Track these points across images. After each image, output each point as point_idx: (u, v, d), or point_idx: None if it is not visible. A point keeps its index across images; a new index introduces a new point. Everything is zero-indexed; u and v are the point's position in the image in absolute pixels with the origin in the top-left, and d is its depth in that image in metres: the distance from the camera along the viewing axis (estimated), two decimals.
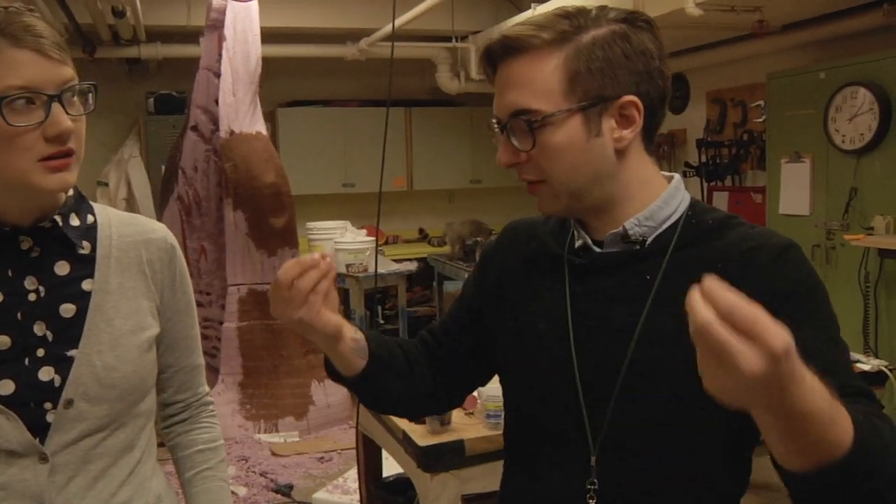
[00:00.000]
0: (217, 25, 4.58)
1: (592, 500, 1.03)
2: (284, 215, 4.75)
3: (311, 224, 5.92)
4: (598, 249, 1.08)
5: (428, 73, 6.62)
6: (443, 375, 1.22)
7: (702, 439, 1.01)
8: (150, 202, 5.85)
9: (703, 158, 5.67)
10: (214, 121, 4.67)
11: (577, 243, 1.10)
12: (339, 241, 5.62)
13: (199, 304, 5.08)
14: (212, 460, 1.28)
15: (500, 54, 1.02)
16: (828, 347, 0.95)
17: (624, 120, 1.01)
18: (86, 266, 1.13)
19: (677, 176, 1.11)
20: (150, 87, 6.29)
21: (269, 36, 4.88)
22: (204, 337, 5.19)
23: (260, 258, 4.71)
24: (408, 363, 1.18)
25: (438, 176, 7.19)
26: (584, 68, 0.99)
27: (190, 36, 5.44)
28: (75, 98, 1.03)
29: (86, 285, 1.12)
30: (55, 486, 1.07)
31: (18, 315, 1.07)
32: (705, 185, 5.71)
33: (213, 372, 4.83)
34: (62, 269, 1.11)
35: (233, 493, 3.61)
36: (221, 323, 4.74)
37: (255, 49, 4.53)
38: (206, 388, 1.32)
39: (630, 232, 1.05)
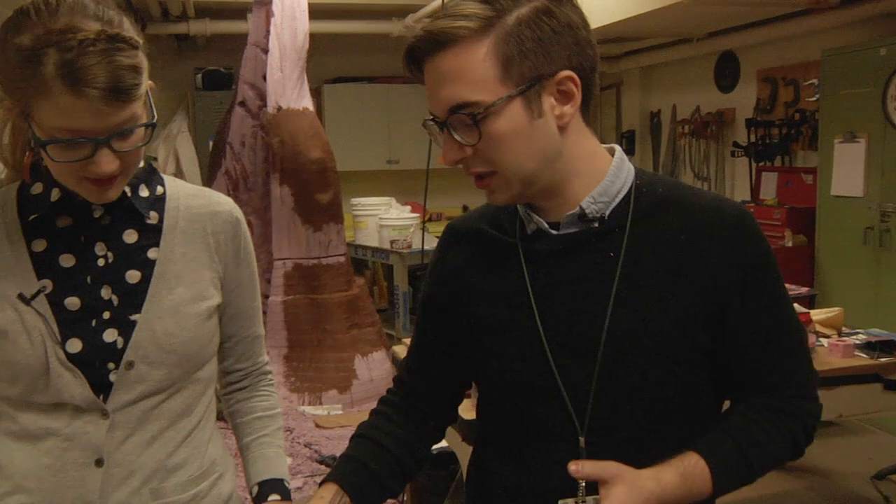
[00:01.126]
0: (265, 1, 4.61)
1: (583, 481, 1.02)
2: (330, 191, 4.79)
3: (355, 200, 5.97)
4: (554, 232, 1.06)
5: None
6: (434, 405, 1.23)
7: (684, 404, 1.05)
8: (197, 177, 5.95)
9: (752, 138, 5.57)
10: (262, 96, 4.71)
11: (530, 228, 1.08)
12: (383, 217, 5.65)
13: None
14: (269, 427, 1.31)
15: (425, 50, 0.99)
16: (783, 338, 1.07)
17: (562, 96, 1.00)
18: (153, 235, 1.17)
19: (617, 147, 1.10)
20: (199, 63, 6.37)
21: (316, 12, 4.89)
22: None
23: (306, 233, 4.76)
24: (394, 460, 1.17)
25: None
26: (516, 51, 0.97)
27: (238, 12, 5.48)
28: (133, 133, 1.03)
29: (151, 253, 1.16)
30: (114, 442, 1.11)
31: (88, 279, 1.12)
32: (754, 165, 5.61)
33: None
34: (130, 237, 1.15)
35: None
36: (267, 297, 4.81)
37: (303, 24, 4.55)
38: (266, 358, 1.35)
39: (587, 210, 1.04)
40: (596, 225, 1.05)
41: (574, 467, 0.98)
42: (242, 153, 4.93)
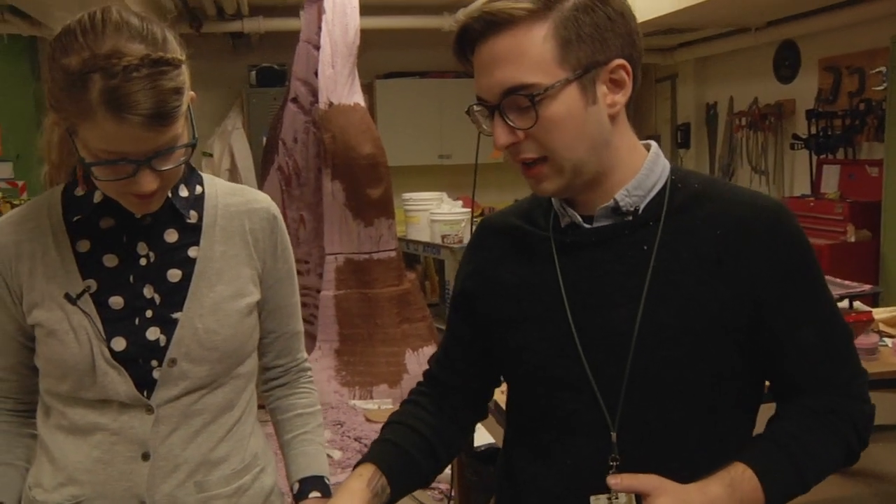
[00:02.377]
0: None
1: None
2: (381, 186, 4.81)
3: (407, 195, 5.98)
4: (588, 225, 1.06)
5: None
6: (464, 399, 1.21)
7: (719, 401, 1.03)
8: (251, 172, 6.03)
9: (813, 130, 5.41)
10: (314, 93, 4.75)
11: (564, 221, 1.08)
12: (434, 211, 5.65)
13: (297, 273, 5.20)
14: (310, 424, 1.32)
15: (480, 32, 0.98)
16: (825, 338, 1.04)
17: (614, 85, 0.99)
18: (193, 234, 1.18)
19: (654, 143, 1.09)
20: (253, 61, 6.46)
21: (368, 8, 4.91)
22: (302, 304, 5.31)
23: (357, 228, 4.78)
24: (429, 446, 1.16)
25: None
26: (574, 35, 0.96)
27: (291, 9, 5.53)
28: (173, 152, 1.04)
29: (191, 252, 1.17)
30: (159, 436, 1.13)
31: (131, 278, 1.14)
32: (814, 157, 5.44)
33: (310, 339, 4.96)
34: (171, 236, 1.17)
35: (328, 455, 3.71)
36: (319, 291, 4.85)
37: (354, 21, 4.57)
38: (305, 355, 1.36)
39: (622, 203, 1.03)
40: (630, 218, 1.04)
41: (614, 481, 0.97)
42: (295, 149, 4.99)
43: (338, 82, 4.62)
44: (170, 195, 1.15)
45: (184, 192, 1.18)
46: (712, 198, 1.04)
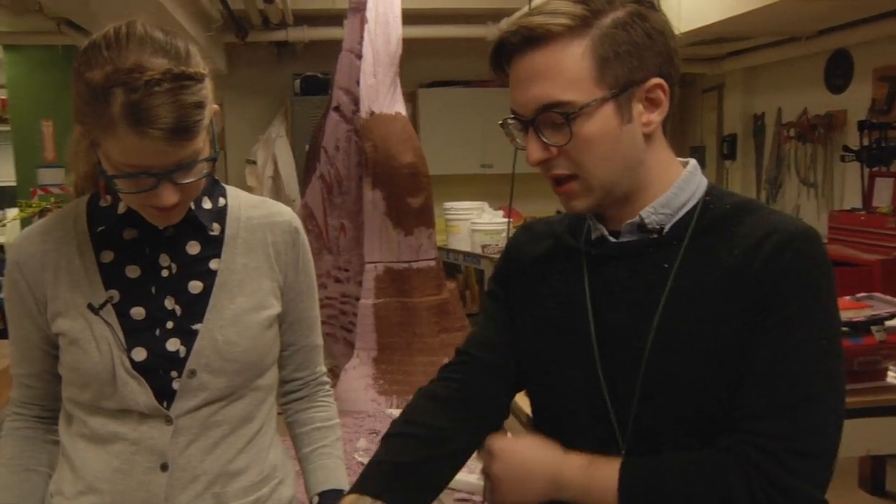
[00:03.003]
0: (359, 8, 4.66)
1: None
2: (422, 195, 4.81)
3: (448, 204, 5.98)
4: (613, 239, 1.05)
5: None
6: (496, 377, 1.15)
7: (726, 423, 0.97)
8: (294, 180, 6.08)
9: (866, 142, 5.26)
10: (356, 101, 4.78)
11: (594, 234, 1.07)
12: (475, 221, 5.64)
13: (337, 281, 5.24)
14: (328, 438, 1.31)
15: (517, 46, 0.97)
16: (780, 379, 0.93)
17: (650, 103, 0.99)
18: (215, 246, 1.18)
19: (693, 161, 1.07)
20: (297, 69, 6.52)
21: (411, 17, 4.92)
22: (342, 312, 5.37)
23: (397, 237, 4.79)
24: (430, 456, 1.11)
25: None
26: (612, 53, 0.95)
27: (335, 18, 5.57)
28: (194, 167, 1.04)
29: (213, 264, 1.17)
30: (177, 447, 1.14)
31: (152, 289, 1.14)
32: (866, 170, 5.30)
33: (348, 346, 4.98)
34: (193, 248, 1.17)
35: (361, 464, 3.70)
36: (358, 299, 4.86)
37: (396, 30, 4.59)
38: (324, 369, 1.35)
39: (647, 220, 1.02)
40: (654, 236, 1.02)
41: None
42: (336, 157, 5.01)
43: (379, 91, 4.64)
44: (192, 207, 1.15)
45: (207, 205, 1.18)
46: (738, 220, 1.01)
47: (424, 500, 1.10)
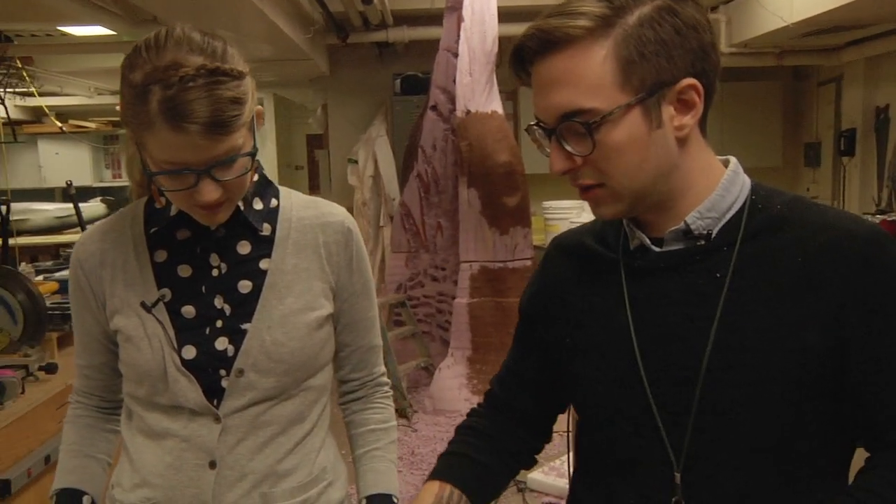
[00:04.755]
0: (456, 7, 4.67)
1: None
2: (517, 194, 4.76)
3: (547, 203, 5.91)
4: (657, 249, 0.97)
5: None
6: (525, 423, 1.14)
7: (797, 448, 0.92)
8: (394, 179, 6.14)
9: None
10: (453, 100, 4.78)
11: (633, 244, 0.99)
12: (574, 220, 5.54)
13: (434, 279, 5.27)
14: (382, 440, 1.30)
15: (535, 51, 0.90)
16: None
17: (683, 105, 0.91)
18: (265, 246, 1.19)
19: (733, 159, 0.99)
20: (399, 69, 6.59)
21: (509, 15, 4.87)
22: (438, 311, 5.40)
23: (492, 236, 4.76)
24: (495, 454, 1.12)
25: None
26: (637, 54, 0.87)
27: (434, 18, 5.59)
28: (236, 162, 1.04)
29: (263, 264, 1.18)
30: (226, 446, 1.15)
31: (203, 288, 1.16)
32: None
33: (444, 345, 4.99)
34: (244, 248, 1.18)
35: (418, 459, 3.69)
36: (454, 298, 4.87)
37: (492, 29, 4.56)
38: (383, 369, 1.34)
39: (693, 226, 0.95)
40: (702, 242, 0.95)
41: None
42: (434, 156, 5.04)
43: (475, 90, 4.62)
44: (242, 208, 1.16)
45: (258, 205, 1.19)
46: (796, 221, 0.93)
47: None
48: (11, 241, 4.75)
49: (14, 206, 5.63)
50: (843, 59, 6.42)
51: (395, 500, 1.26)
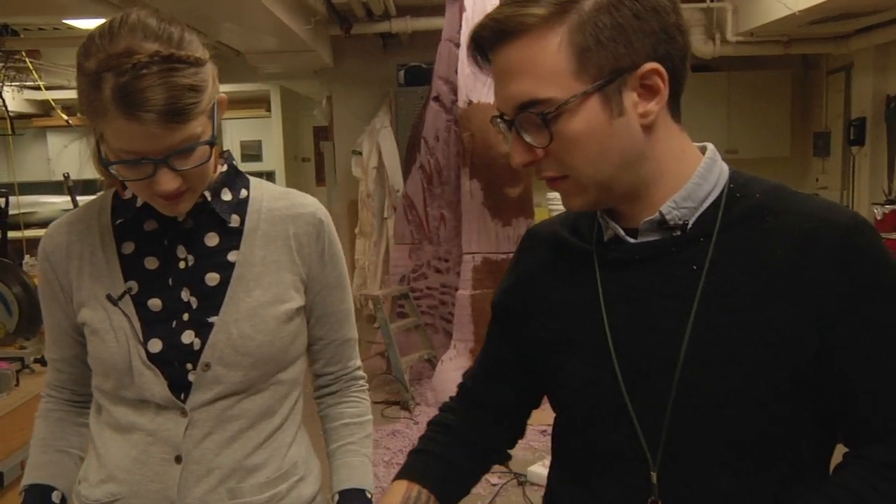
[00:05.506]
0: None
1: None
2: (520, 185, 4.74)
3: (551, 194, 5.87)
4: (631, 240, 0.94)
5: None
6: (498, 418, 1.12)
7: (776, 444, 0.90)
8: (398, 170, 6.13)
9: None
10: (455, 91, 4.76)
11: (607, 235, 0.96)
12: None
13: (437, 271, 5.26)
14: (356, 435, 1.28)
15: (490, 40, 0.88)
16: (887, 374, 0.87)
17: (646, 91, 0.87)
18: (234, 238, 1.17)
19: (710, 145, 0.95)
20: (403, 60, 6.56)
21: None
22: (441, 303, 5.38)
23: (495, 227, 4.74)
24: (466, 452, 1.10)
25: None
26: (593, 41, 0.84)
27: (438, 8, 5.56)
28: (195, 151, 1.02)
29: (231, 256, 1.16)
30: (192, 440, 1.13)
31: (170, 281, 1.14)
32: None
33: (447, 336, 4.98)
34: (212, 240, 1.16)
35: None
36: (457, 290, 4.86)
37: None
38: (358, 363, 1.32)
39: (668, 217, 0.91)
40: (678, 233, 0.92)
41: None
42: (436, 147, 5.02)
43: (477, 80, 4.59)
44: (209, 199, 1.14)
45: (227, 196, 1.17)
46: (775, 210, 0.90)
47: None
48: (18, 234, 4.79)
49: (22, 199, 5.66)
50: (852, 47, 6.34)
51: (369, 496, 1.24)
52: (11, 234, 4.57)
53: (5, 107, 4.15)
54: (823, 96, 7.11)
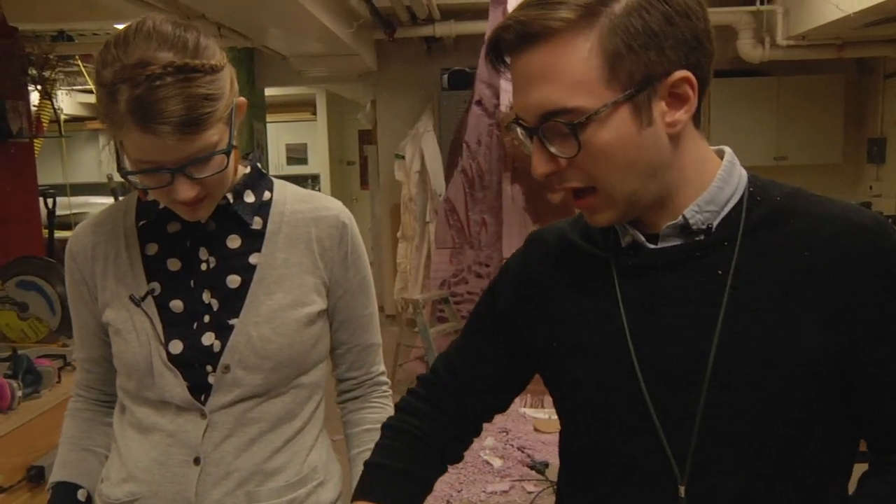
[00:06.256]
0: (501, 0, 4.62)
1: None
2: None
3: None
4: (651, 246, 0.91)
5: (729, 41, 6.10)
6: (464, 416, 1.09)
7: (809, 453, 0.87)
8: (440, 175, 6.12)
9: None
10: (497, 95, 4.75)
11: (625, 241, 0.93)
12: None
13: (478, 276, 5.24)
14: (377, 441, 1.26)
15: (513, 43, 0.83)
16: None
17: (675, 100, 0.84)
18: (256, 240, 1.16)
19: (728, 149, 0.93)
20: (448, 64, 6.56)
21: None
22: None
23: None
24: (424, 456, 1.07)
25: (739, 152, 6.21)
26: (625, 47, 0.80)
27: (481, 12, 5.55)
28: (212, 159, 1.02)
29: (253, 259, 1.16)
30: (211, 442, 1.13)
31: (191, 283, 1.15)
32: None
33: None
34: (233, 242, 1.16)
35: (487, 463, 3.66)
36: None
37: None
38: (382, 368, 1.31)
39: (691, 221, 0.89)
40: (701, 237, 0.89)
41: None
42: (478, 152, 5.00)
43: None
44: (232, 201, 1.14)
45: (249, 198, 1.17)
46: (798, 213, 0.88)
47: None
48: (69, 234, 4.91)
49: (73, 199, 5.81)
50: None
51: None
52: (63, 234, 4.69)
53: (54, 109, 4.25)
54: (879, 101, 6.90)
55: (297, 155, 10.36)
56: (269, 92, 8.07)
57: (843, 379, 0.85)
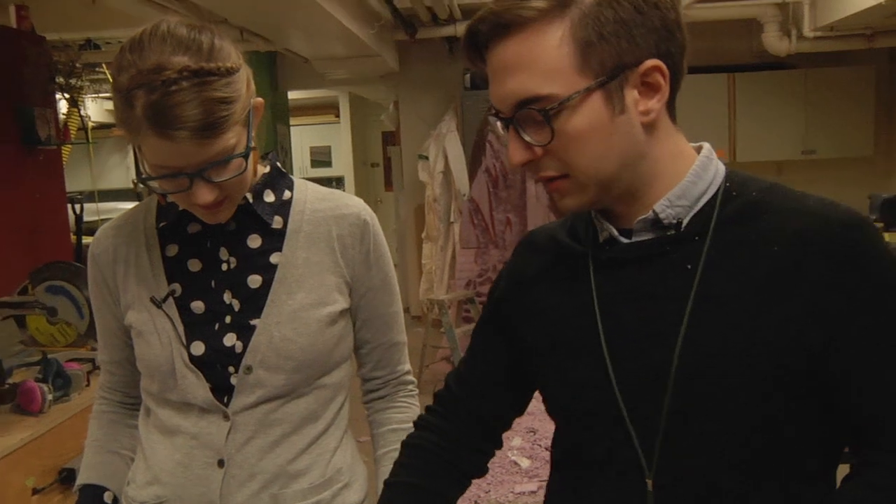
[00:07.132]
0: None
1: None
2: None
3: None
4: (624, 240, 0.92)
5: (754, 33, 6.04)
6: (481, 424, 1.08)
7: (778, 452, 0.87)
8: (464, 174, 6.11)
9: None
10: None
11: (602, 236, 0.94)
12: None
13: None
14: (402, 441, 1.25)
15: (488, 35, 0.85)
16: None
17: (647, 89, 0.86)
18: (277, 240, 1.16)
19: (706, 144, 0.93)
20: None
21: None
22: None
23: None
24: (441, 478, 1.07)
25: (765, 146, 6.56)
26: (596, 35, 0.82)
27: None
28: (230, 162, 1.02)
29: (273, 258, 1.15)
30: (234, 444, 1.12)
31: (212, 283, 1.14)
32: None
33: None
34: (254, 242, 1.15)
35: (515, 463, 3.64)
36: None
37: None
38: (407, 367, 1.30)
39: (662, 215, 0.89)
40: (671, 232, 0.90)
41: None
42: (502, 151, 4.99)
43: None
44: (252, 200, 1.14)
45: (269, 198, 1.17)
46: (772, 208, 0.87)
47: None
48: None
49: (101, 205, 5.87)
50: None
51: None
52: (90, 240, 4.74)
53: (81, 117, 4.31)
54: None
55: (321, 158, 10.42)
56: (293, 95, 8.12)
57: (816, 377, 0.84)
